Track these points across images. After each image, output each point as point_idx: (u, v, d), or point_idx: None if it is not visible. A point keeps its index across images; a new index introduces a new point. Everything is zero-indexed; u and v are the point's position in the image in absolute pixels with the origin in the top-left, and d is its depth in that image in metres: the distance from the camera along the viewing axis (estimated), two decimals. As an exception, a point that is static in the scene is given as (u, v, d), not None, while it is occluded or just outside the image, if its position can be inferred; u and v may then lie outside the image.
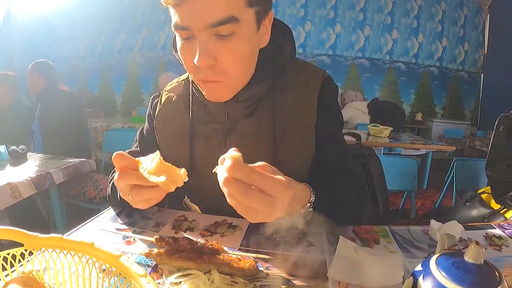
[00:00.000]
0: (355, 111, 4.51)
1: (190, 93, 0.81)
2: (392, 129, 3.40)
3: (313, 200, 0.62)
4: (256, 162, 0.57)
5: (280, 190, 0.46)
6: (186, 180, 0.55)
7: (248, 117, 0.78)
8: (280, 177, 0.48)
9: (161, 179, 0.52)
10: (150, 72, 6.12)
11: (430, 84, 6.19)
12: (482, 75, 6.30)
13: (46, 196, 1.85)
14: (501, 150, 1.27)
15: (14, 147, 1.87)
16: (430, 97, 6.17)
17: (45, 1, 6.19)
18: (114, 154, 0.57)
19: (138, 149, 0.93)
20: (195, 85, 0.77)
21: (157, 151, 0.55)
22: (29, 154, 2.01)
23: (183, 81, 0.88)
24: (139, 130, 0.95)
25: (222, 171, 0.47)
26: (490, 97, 6.01)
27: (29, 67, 2.48)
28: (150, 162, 0.54)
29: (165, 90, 0.89)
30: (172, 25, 0.63)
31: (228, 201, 0.47)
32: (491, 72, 6.05)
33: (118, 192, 0.74)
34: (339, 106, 0.86)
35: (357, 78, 5.94)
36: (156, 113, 0.88)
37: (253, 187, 0.45)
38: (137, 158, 0.56)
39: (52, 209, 1.89)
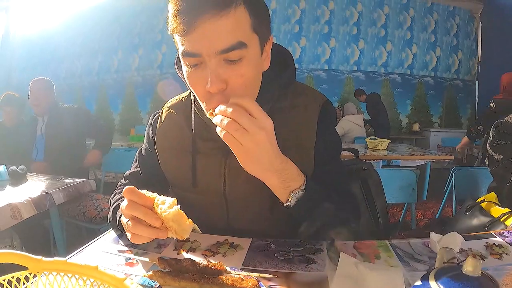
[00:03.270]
0: (351, 125, 4.55)
1: (192, 111, 0.82)
2: (390, 141, 3.41)
3: (304, 185, 0.69)
4: (254, 180, 0.69)
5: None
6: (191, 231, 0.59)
7: None
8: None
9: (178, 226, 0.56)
10: (147, 90, 6.16)
11: (425, 94, 6.26)
12: (477, 82, 6.36)
13: (46, 216, 1.84)
14: (501, 152, 1.33)
15: (14, 167, 1.87)
16: (427, 107, 6.23)
17: (43, 20, 6.27)
18: (125, 189, 0.59)
19: (138, 169, 0.94)
20: (197, 103, 0.79)
21: (174, 199, 0.58)
22: (28, 174, 2.01)
23: (183, 98, 0.90)
24: (138, 151, 0.96)
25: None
26: (486, 104, 6.04)
27: (31, 85, 2.48)
28: (167, 206, 0.57)
29: (166, 107, 0.91)
30: (180, 53, 0.64)
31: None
32: (486, 79, 6.11)
33: (118, 218, 0.75)
34: (337, 131, 0.88)
35: (353, 91, 6.00)
36: (156, 130, 0.89)
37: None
38: (152, 195, 0.59)
39: (53, 229, 1.88)
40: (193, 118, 0.83)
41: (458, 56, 6.32)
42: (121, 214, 0.68)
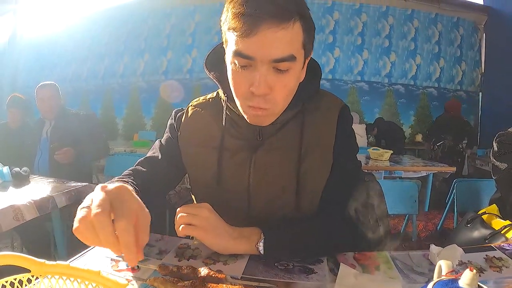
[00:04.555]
0: None
1: (224, 111, 0.85)
2: (392, 152, 3.40)
3: (262, 243, 0.71)
4: (281, 175, 0.80)
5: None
6: None
7: (276, 134, 0.84)
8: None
9: None
10: (151, 96, 6.21)
11: (429, 105, 6.26)
12: (480, 94, 6.36)
13: (48, 218, 1.85)
14: (500, 163, 1.34)
15: (17, 169, 1.88)
16: (430, 118, 6.21)
17: (50, 23, 6.34)
18: None
19: (157, 155, 0.93)
20: (229, 105, 0.83)
21: None
22: (31, 176, 2.03)
23: (210, 99, 0.93)
24: (158, 141, 0.97)
25: None
26: (489, 115, 6.05)
27: (37, 91, 2.50)
28: None
29: (192, 105, 0.93)
30: (232, 51, 0.67)
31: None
32: (489, 90, 6.12)
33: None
34: (355, 134, 0.91)
35: (356, 101, 6.02)
36: (181, 125, 0.91)
37: None
38: None
39: (54, 232, 1.88)
40: (224, 116, 0.85)
41: (461, 67, 6.33)
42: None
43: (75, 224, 0.52)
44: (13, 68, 6.22)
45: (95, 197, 0.53)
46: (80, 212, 0.52)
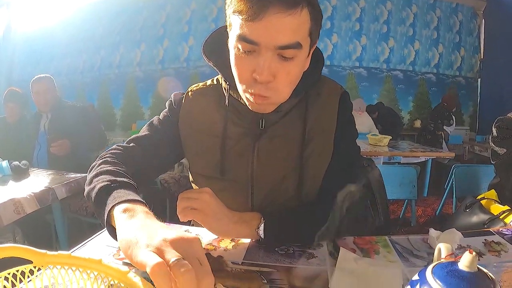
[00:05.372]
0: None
1: (227, 99, 0.83)
2: (391, 137, 3.41)
3: (262, 227, 0.72)
4: (284, 162, 0.80)
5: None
6: None
7: (279, 121, 0.83)
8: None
9: None
10: (148, 86, 6.16)
11: (427, 91, 6.23)
12: (479, 80, 6.34)
13: (48, 211, 1.85)
14: (499, 148, 1.36)
15: (16, 163, 1.88)
16: (428, 103, 6.20)
17: (44, 17, 6.26)
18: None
19: (152, 132, 0.89)
20: (231, 93, 0.82)
21: None
22: (31, 169, 2.03)
23: (210, 86, 0.90)
24: (155, 118, 0.93)
25: None
26: (488, 101, 6.04)
27: (32, 85, 2.48)
28: None
29: (191, 90, 0.91)
30: (236, 35, 0.65)
31: None
32: (488, 76, 6.10)
33: (105, 215, 0.60)
34: (354, 120, 0.91)
35: (355, 87, 5.99)
36: (181, 107, 0.89)
37: None
38: None
39: (55, 224, 1.89)
40: (227, 103, 0.84)
41: (460, 53, 6.28)
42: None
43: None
44: (8, 62, 6.17)
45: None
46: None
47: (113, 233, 0.58)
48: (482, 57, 6.30)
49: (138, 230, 0.49)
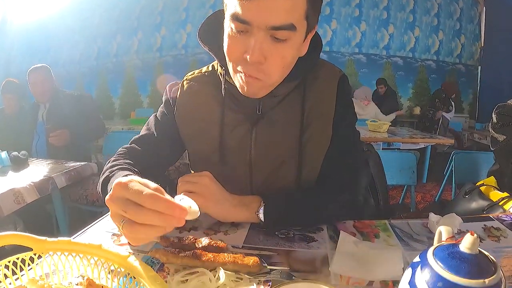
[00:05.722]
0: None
1: (223, 85, 0.82)
2: (390, 124, 3.41)
3: (262, 210, 0.72)
4: (282, 147, 0.79)
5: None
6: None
7: (277, 106, 0.82)
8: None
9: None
10: (147, 74, 6.11)
11: (427, 78, 6.21)
12: (479, 67, 6.30)
13: (49, 201, 1.86)
14: (498, 135, 1.34)
15: (15, 153, 1.88)
16: (428, 90, 6.17)
17: (40, 8, 6.17)
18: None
19: (152, 132, 0.91)
20: (228, 79, 0.80)
21: None
22: (30, 159, 2.02)
23: (206, 73, 0.90)
24: (152, 116, 0.94)
25: None
26: (488, 89, 6.02)
27: (29, 75, 2.46)
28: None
29: (186, 79, 0.90)
30: (229, 15, 0.64)
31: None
32: (488, 64, 6.06)
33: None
34: (353, 104, 0.90)
35: (354, 73, 5.95)
36: (176, 100, 0.89)
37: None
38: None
39: (55, 213, 1.90)
40: (223, 90, 0.83)
41: (461, 41, 6.23)
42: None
43: (125, 234, 0.52)
44: (5, 54, 6.09)
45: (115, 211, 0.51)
46: (116, 220, 0.52)
47: None
48: (482, 45, 6.24)
49: None
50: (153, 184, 0.51)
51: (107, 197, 0.51)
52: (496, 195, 1.27)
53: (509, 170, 1.31)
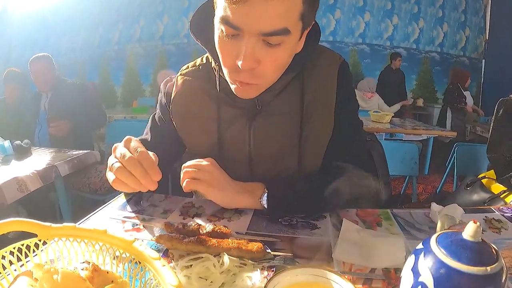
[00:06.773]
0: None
1: (217, 79, 0.80)
2: (393, 114, 3.40)
3: (265, 197, 0.73)
4: (282, 140, 0.78)
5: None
6: None
7: (275, 100, 0.80)
8: None
9: None
10: (149, 62, 6.06)
11: (431, 69, 6.15)
12: (483, 60, 6.24)
13: (52, 189, 1.87)
14: (501, 132, 1.31)
15: (18, 142, 1.88)
16: (432, 82, 6.13)
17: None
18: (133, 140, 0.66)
19: (148, 136, 0.92)
20: (222, 74, 0.76)
21: None
22: (33, 148, 2.03)
23: (200, 66, 0.87)
24: (151, 116, 0.95)
25: None
26: (492, 82, 5.98)
27: (30, 65, 2.45)
28: None
29: (180, 74, 0.88)
30: (219, 17, 0.61)
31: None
32: (492, 57, 6.00)
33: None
34: (355, 92, 0.88)
35: (357, 64, 5.90)
36: (171, 97, 0.87)
37: None
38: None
39: (59, 201, 1.91)
40: (218, 85, 0.80)
41: (465, 33, 6.16)
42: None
43: (111, 177, 0.64)
44: (7, 43, 6.06)
45: (114, 156, 0.65)
46: (112, 167, 0.63)
47: None
48: (487, 38, 6.18)
49: None
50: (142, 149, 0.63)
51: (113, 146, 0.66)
52: (497, 187, 1.27)
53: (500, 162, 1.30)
